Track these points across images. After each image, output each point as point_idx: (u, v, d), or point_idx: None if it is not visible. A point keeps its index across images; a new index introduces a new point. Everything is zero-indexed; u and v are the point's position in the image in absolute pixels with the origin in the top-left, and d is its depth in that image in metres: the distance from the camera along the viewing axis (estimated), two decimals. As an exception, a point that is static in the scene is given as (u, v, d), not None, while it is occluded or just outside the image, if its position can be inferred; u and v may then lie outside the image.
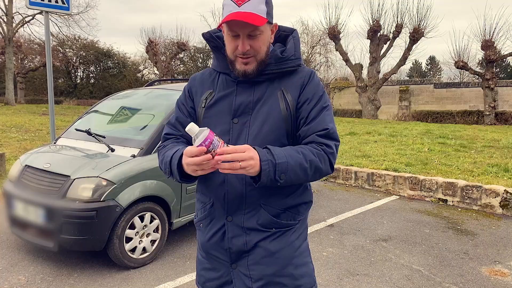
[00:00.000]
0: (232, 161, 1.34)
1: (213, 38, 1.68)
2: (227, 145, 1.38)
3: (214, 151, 1.34)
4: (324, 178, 7.51)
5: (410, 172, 6.77)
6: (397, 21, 20.14)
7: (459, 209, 5.81)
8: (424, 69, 56.24)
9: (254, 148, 1.41)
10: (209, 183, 1.63)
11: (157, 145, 1.74)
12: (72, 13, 6.55)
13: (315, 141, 1.55)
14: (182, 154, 1.46)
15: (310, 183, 1.73)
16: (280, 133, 1.57)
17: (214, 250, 1.67)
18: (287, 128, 1.58)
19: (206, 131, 1.35)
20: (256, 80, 1.60)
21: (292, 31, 1.71)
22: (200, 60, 34.20)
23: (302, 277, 1.65)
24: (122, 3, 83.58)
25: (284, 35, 1.71)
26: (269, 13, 1.54)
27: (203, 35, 1.72)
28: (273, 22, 1.61)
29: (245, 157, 1.35)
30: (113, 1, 76.67)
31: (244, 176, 1.52)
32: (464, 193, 5.92)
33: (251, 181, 1.49)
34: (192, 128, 1.37)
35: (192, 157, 1.37)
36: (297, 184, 1.60)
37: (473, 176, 6.47)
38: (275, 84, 1.61)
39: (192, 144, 1.43)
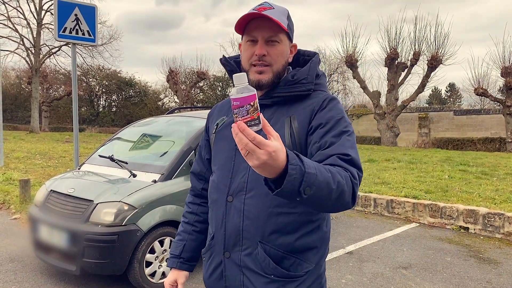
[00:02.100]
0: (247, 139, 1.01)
1: (228, 63, 1.61)
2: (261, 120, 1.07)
3: (236, 117, 1.08)
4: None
5: (430, 200, 6.69)
6: (415, 48, 20.22)
7: (481, 237, 5.70)
8: (444, 96, 55.85)
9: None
10: (212, 213, 1.54)
11: (190, 188, 1.79)
12: (96, 45, 6.91)
13: (337, 164, 1.25)
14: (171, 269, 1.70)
15: (325, 220, 1.50)
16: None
17: None
18: None
19: (245, 92, 1.08)
20: (265, 103, 1.48)
21: (313, 54, 1.59)
22: (220, 89, 34.74)
23: None
24: (144, 35, 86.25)
25: (306, 60, 1.58)
26: (290, 28, 1.48)
27: (220, 60, 1.65)
28: (293, 42, 1.54)
29: (266, 144, 1.01)
30: (135, 33, 79.23)
31: (243, 207, 1.40)
32: (486, 221, 5.81)
33: (249, 213, 1.38)
34: (240, 76, 1.11)
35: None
36: (308, 216, 1.41)
37: (495, 204, 6.36)
38: (284, 110, 1.47)
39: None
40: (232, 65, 1.60)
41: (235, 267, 1.44)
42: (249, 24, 1.44)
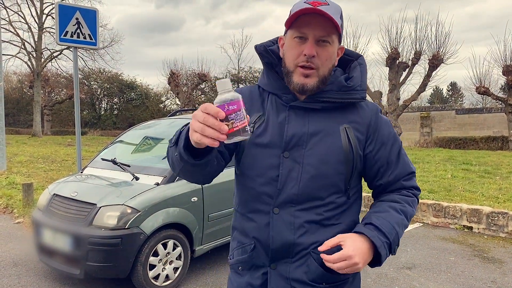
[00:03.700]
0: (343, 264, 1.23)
1: (267, 53, 1.43)
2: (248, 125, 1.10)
3: (233, 123, 1.06)
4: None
5: (433, 199, 6.68)
6: (416, 48, 20.18)
7: (485, 236, 5.68)
8: (445, 95, 55.77)
9: (358, 232, 1.30)
10: (251, 223, 1.42)
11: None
12: (98, 48, 6.91)
13: (403, 188, 1.43)
14: None
15: None
16: (340, 178, 1.36)
17: None
18: (347, 173, 1.36)
19: (238, 95, 1.08)
20: (313, 107, 1.37)
21: (358, 56, 1.46)
22: (221, 90, 34.72)
23: None
24: (145, 38, 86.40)
25: (346, 60, 1.46)
26: (342, 28, 1.34)
27: (256, 48, 1.46)
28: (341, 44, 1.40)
29: (348, 266, 1.23)
30: (136, 36, 79.35)
31: (293, 220, 1.36)
32: (489, 220, 5.80)
33: (301, 226, 1.35)
34: (226, 82, 1.09)
35: (205, 112, 1.06)
36: (353, 227, 1.42)
37: (498, 203, 6.34)
38: (336, 117, 1.38)
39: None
40: (271, 55, 1.43)
41: (281, 279, 1.39)
42: (298, 19, 1.29)
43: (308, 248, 1.36)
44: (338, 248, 1.27)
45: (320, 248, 1.28)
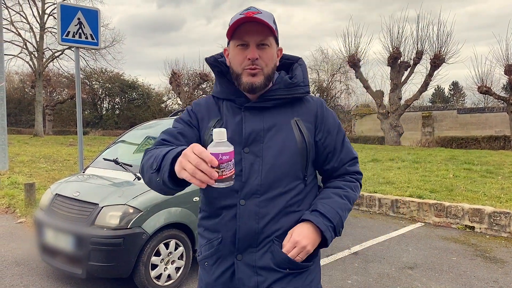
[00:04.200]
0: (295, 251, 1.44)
1: (217, 63, 1.60)
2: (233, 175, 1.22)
3: (223, 171, 1.17)
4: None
5: (435, 199, 6.67)
6: (417, 47, 20.17)
7: (487, 236, 5.68)
8: (447, 94, 55.67)
9: (305, 219, 1.47)
10: (218, 219, 1.53)
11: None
12: (99, 48, 6.92)
13: (347, 173, 1.62)
14: (182, 151, 1.24)
15: None
16: (297, 166, 1.51)
17: None
18: (303, 161, 1.52)
19: (231, 147, 1.20)
20: (265, 105, 1.53)
21: (297, 59, 1.66)
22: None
23: None
24: (146, 38, 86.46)
25: (288, 63, 1.65)
26: (277, 31, 1.51)
27: (207, 60, 1.63)
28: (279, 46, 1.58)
29: (300, 252, 1.44)
30: (137, 36, 79.39)
31: (258, 210, 1.47)
32: (491, 220, 5.79)
33: (265, 214, 1.47)
34: (221, 133, 1.19)
35: (199, 157, 1.15)
36: None
37: (500, 203, 6.33)
38: (286, 112, 1.55)
39: None
40: (221, 65, 1.60)
41: (248, 268, 1.49)
42: (238, 29, 1.45)
43: (271, 236, 1.48)
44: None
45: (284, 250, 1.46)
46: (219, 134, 1.19)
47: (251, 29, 1.44)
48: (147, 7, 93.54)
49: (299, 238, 1.43)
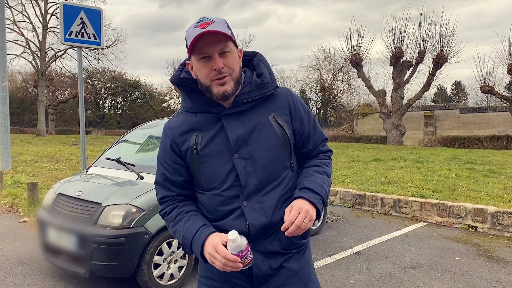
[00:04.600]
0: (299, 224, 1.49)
1: (185, 82, 1.62)
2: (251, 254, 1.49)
3: (244, 260, 1.45)
4: (350, 205, 7.46)
5: (437, 199, 6.66)
6: (420, 47, 20.13)
7: (490, 236, 5.67)
8: (449, 94, 55.55)
9: (298, 197, 1.56)
10: (223, 221, 1.60)
11: (159, 210, 1.72)
12: (102, 47, 6.94)
13: (320, 153, 1.77)
14: (206, 238, 1.50)
15: None
16: (283, 158, 1.63)
17: (235, 278, 1.63)
18: (287, 151, 1.64)
19: (246, 242, 1.46)
20: (242, 109, 1.59)
21: (255, 54, 1.71)
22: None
23: None
24: (149, 38, 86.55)
25: (247, 59, 1.70)
26: (233, 35, 1.56)
27: (174, 82, 1.66)
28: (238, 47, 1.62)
29: (305, 215, 1.50)
30: (140, 36, 79.50)
31: (262, 206, 1.59)
32: (494, 220, 5.78)
33: (269, 207, 1.59)
34: (235, 237, 1.43)
35: (225, 258, 1.42)
36: None
37: (503, 202, 6.31)
38: (263, 111, 1.62)
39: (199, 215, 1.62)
40: (188, 83, 1.61)
41: (260, 254, 1.60)
42: (197, 43, 1.48)
43: (278, 224, 1.57)
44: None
45: (283, 227, 1.51)
46: (233, 235, 1.43)
47: (209, 40, 1.47)
48: (149, 7, 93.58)
49: (301, 205, 1.51)
